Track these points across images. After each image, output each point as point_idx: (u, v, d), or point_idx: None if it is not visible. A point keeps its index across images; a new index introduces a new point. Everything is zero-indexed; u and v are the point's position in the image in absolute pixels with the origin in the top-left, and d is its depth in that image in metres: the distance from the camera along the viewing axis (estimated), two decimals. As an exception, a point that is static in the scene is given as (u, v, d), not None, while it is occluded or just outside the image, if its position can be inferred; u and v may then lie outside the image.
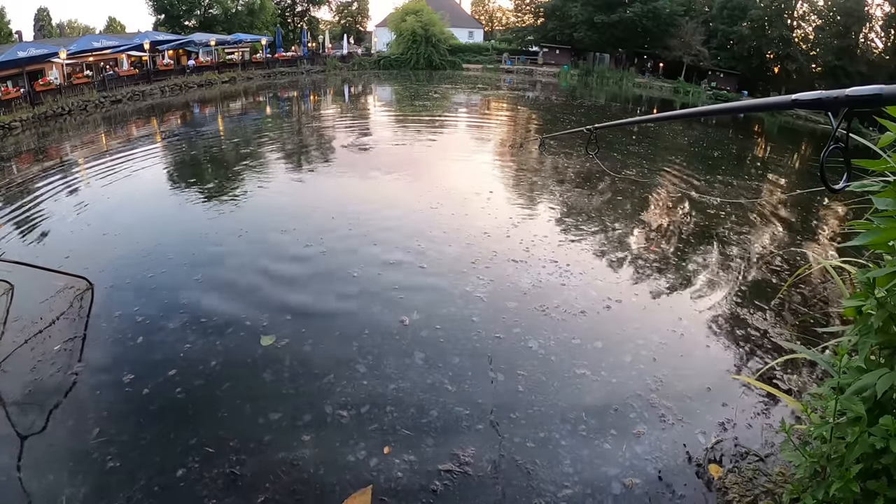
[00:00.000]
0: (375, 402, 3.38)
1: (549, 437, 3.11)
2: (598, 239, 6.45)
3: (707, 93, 32.34)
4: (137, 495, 2.66)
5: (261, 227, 6.52)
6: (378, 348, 3.97)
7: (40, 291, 4.59)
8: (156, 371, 3.65)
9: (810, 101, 1.23)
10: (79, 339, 4.06)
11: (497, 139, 13.41)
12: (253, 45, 32.85)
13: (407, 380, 3.61)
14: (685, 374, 3.79)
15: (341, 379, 3.61)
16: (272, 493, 2.70)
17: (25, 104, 16.56)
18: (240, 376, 3.63)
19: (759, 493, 2.57)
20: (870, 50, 30.19)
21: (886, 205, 1.58)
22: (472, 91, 26.86)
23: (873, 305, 1.65)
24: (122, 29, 45.65)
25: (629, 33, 35.28)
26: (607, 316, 4.59)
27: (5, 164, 10.59)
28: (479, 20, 57.19)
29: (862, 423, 1.64)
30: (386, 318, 4.40)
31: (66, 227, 6.60)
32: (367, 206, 7.28)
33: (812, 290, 5.36)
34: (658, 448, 3.05)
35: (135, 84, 22.17)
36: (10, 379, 3.59)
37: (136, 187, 8.34)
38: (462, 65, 39.10)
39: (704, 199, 8.60)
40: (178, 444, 3.01)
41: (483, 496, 2.72)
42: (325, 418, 3.23)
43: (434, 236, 6.20)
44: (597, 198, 8.26)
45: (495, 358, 3.89)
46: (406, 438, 3.08)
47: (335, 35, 46.76)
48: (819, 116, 23.07)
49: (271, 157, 10.49)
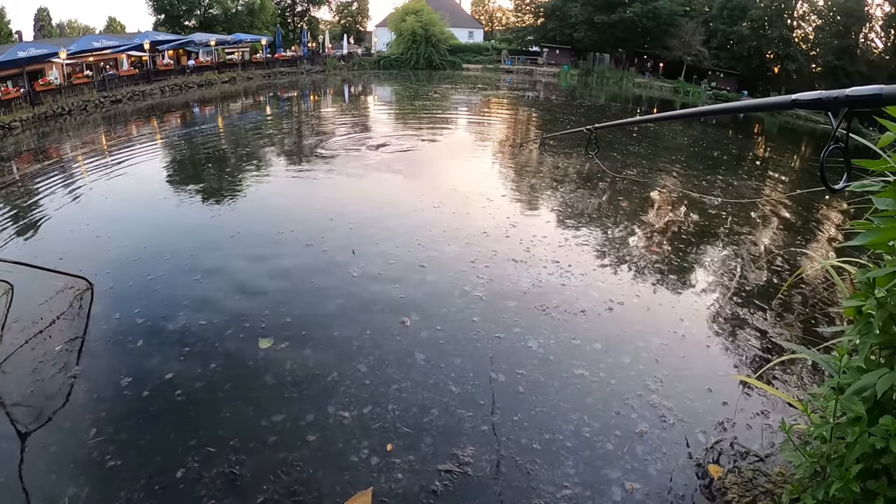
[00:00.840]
0: (377, 402, 3.38)
1: (549, 437, 3.11)
2: (598, 239, 6.45)
3: (707, 93, 32.34)
4: (138, 495, 2.67)
5: (260, 227, 6.52)
6: (378, 349, 3.97)
7: (40, 291, 4.59)
8: (155, 372, 3.65)
9: (810, 101, 1.23)
10: (79, 339, 4.06)
11: (497, 139, 13.41)
12: (253, 45, 32.86)
13: (408, 380, 3.61)
14: (685, 374, 3.79)
15: (344, 379, 3.61)
16: (272, 494, 2.70)
17: (25, 104, 16.56)
18: (239, 377, 3.63)
19: (758, 494, 2.56)
20: (870, 50, 30.20)
21: (886, 205, 1.58)
22: (472, 91, 26.87)
23: (873, 305, 1.65)
24: (122, 29, 45.65)
25: (629, 33, 35.28)
26: (608, 316, 4.58)
27: (5, 164, 10.59)
28: (479, 20, 57.19)
29: (862, 423, 1.64)
30: (386, 319, 4.40)
31: (66, 226, 6.60)
32: (367, 206, 7.28)
33: (812, 290, 5.36)
34: (658, 448, 3.04)
35: (135, 84, 22.18)
36: (10, 380, 3.59)
37: (135, 187, 8.34)
38: (462, 65, 39.12)
39: (704, 198, 8.60)
40: (179, 444, 3.01)
41: (483, 496, 2.72)
42: (326, 419, 3.23)
43: (434, 235, 6.19)
44: (597, 198, 8.26)
45: (496, 358, 3.89)
46: (407, 436, 3.08)
47: (335, 35, 46.77)
48: (819, 116, 23.08)
49: (271, 158, 10.49)
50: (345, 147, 11.68)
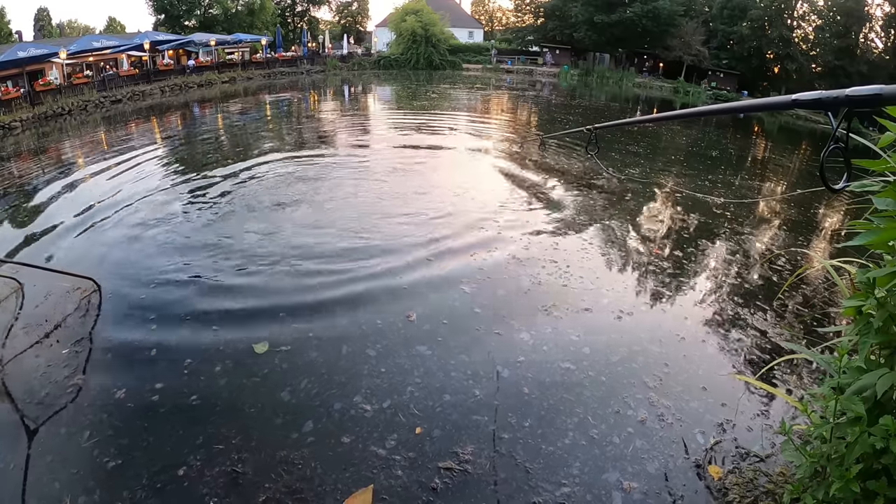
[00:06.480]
0: (382, 395, 3.38)
1: (549, 437, 3.11)
2: (598, 239, 6.45)
3: (707, 93, 32.36)
4: (140, 493, 2.67)
5: (266, 226, 6.50)
6: (383, 341, 3.99)
7: (47, 293, 4.58)
8: (164, 373, 3.65)
9: (810, 101, 1.24)
10: (86, 340, 4.04)
11: (497, 139, 13.40)
12: (253, 45, 32.87)
13: (412, 373, 3.62)
14: (685, 373, 3.79)
15: (348, 375, 3.61)
16: (273, 493, 2.71)
17: (25, 104, 16.57)
18: (245, 378, 3.63)
19: (759, 494, 2.57)
20: (870, 50, 30.22)
21: (886, 205, 1.58)
22: (472, 91, 26.86)
23: (873, 305, 1.65)
24: (122, 29, 45.71)
25: (629, 33, 35.31)
26: (608, 315, 4.58)
27: (5, 164, 10.59)
28: (479, 20, 57.25)
29: (862, 423, 1.64)
30: (391, 312, 4.44)
31: (69, 227, 6.58)
32: (367, 205, 7.28)
33: (812, 290, 5.36)
34: (657, 448, 3.04)
35: (135, 84, 22.18)
36: (17, 380, 3.58)
37: (138, 187, 8.33)
38: (462, 65, 39.14)
39: (704, 198, 8.60)
40: (185, 444, 3.01)
41: (481, 493, 2.72)
42: (332, 416, 3.24)
43: (434, 234, 6.20)
44: (597, 198, 8.26)
45: (496, 354, 3.91)
46: (407, 435, 3.08)
47: (335, 35, 46.77)
48: (819, 116, 23.09)
49: (272, 157, 10.47)
50: (345, 146, 11.67)
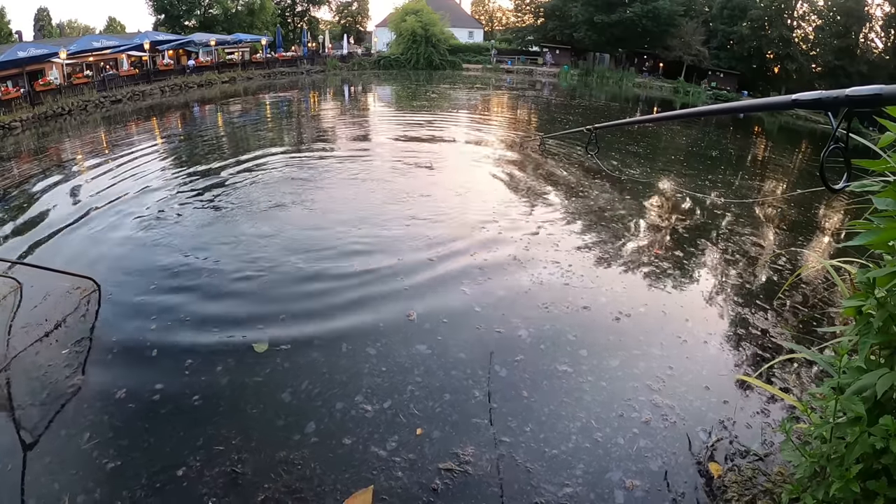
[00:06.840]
0: (383, 395, 3.38)
1: (550, 436, 3.11)
2: (598, 239, 6.45)
3: (707, 93, 32.34)
4: (139, 493, 2.68)
5: (267, 226, 6.50)
6: (384, 340, 4.00)
7: (47, 292, 4.57)
8: (163, 373, 3.65)
9: (810, 101, 1.24)
10: (86, 340, 4.04)
11: (496, 139, 13.40)
12: (253, 45, 32.84)
13: (413, 372, 3.62)
14: (686, 373, 3.79)
15: (349, 374, 3.62)
16: (272, 493, 2.71)
17: (25, 104, 16.55)
18: (246, 377, 3.63)
19: (757, 493, 2.57)
20: (870, 50, 30.20)
21: (886, 205, 1.58)
22: (472, 91, 26.86)
23: (873, 305, 1.65)
24: (122, 29, 45.69)
25: (629, 33, 35.29)
26: (608, 315, 4.58)
27: (5, 165, 10.59)
28: (479, 20, 57.22)
29: (862, 423, 1.64)
30: (392, 312, 4.44)
31: (69, 227, 6.58)
32: (367, 205, 7.28)
33: (812, 290, 5.36)
34: (658, 446, 3.05)
35: (135, 84, 22.16)
36: (16, 381, 3.58)
37: (138, 186, 8.32)
38: (462, 65, 39.12)
39: (704, 198, 8.60)
40: (185, 445, 3.01)
41: (482, 494, 2.72)
42: (334, 416, 3.24)
43: (434, 234, 6.20)
44: (597, 198, 8.26)
45: (496, 353, 3.91)
46: (408, 436, 3.08)
47: (335, 35, 46.75)
48: (819, 116, 23.08)
49: (272, 158, 10.47)
50: (345, 145, 11.67)
